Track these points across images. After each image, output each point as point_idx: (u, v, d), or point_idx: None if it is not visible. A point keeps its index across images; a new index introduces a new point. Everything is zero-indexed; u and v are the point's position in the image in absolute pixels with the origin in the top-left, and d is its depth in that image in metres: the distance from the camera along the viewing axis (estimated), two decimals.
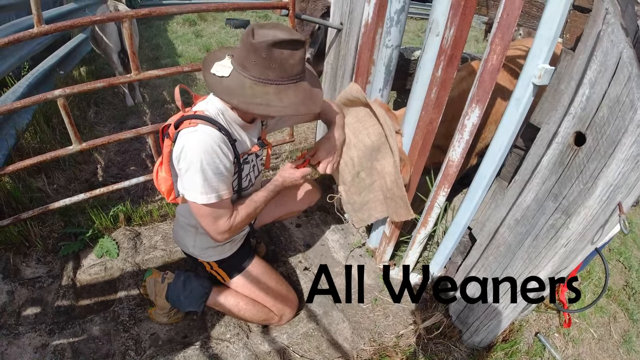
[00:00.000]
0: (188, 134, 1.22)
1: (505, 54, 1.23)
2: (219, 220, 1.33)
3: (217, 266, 1.61)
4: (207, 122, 1.24)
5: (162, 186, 1.45)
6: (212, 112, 1.29)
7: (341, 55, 2.12)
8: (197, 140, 1.20)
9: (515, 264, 1.45)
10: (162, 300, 1.63)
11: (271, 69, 1.14)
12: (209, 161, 1.21)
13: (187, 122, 1.24)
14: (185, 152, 1.21)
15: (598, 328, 2.22)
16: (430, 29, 1.34)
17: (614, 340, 2.20)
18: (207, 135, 1.21)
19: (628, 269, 2.78)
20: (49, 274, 1.81)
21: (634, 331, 2.28)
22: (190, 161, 1.20)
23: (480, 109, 1.34)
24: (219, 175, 1.25)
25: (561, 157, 1.23)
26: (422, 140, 1.53)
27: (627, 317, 2.37)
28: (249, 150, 1.42)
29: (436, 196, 1.63)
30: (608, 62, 1.06)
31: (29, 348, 1.52)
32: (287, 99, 1.19)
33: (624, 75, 1.04)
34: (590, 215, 1.23)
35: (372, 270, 2.10)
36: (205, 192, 1.24)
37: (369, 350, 1.71)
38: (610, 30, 1.06)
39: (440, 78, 1.35)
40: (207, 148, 1.20)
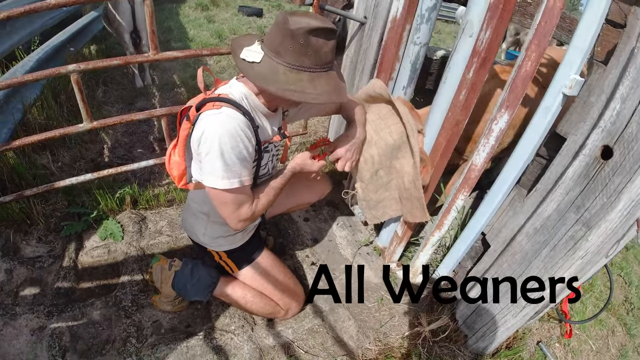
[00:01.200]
0: (211, 116, 1.18)
1: (539, 61, 1.21)
2: (241, 207, 1.29)
3: (227, 256, 1.58)
4: (231, 105, 1.20)
5: (174, 170, 1.41)
6: (237, 97, 1.25)
7: (362, 49, 2.09)
8: (221, 123, 1.16)
9: (530, 273, 1.43)
10: (168, 288, 1.60)
11: (307, 56, 1.12)
12: (233, 145, 1.17)
13: (211, 104, 1.20)
14: (207, 135, 1.17)
15: (597, 341, 2.23)
16: (463, 29, 1.31)
17: (611, 353, 2.20)
18: (231, 118, 1.18)
19: (628, 284, 2.78)
20: (49, 254, 1.78)
21: (630, 346, 2.29)
22: (212, 144, 1.16)
23: (509, 115, 1.31)
24: (242, 160, 1.21)
25: (587, 170, 1.21)
26: (445, 142, 1.50)
27: (625, 331, 2.37)
28: (270, 138, 1.39)
29: (455, 199, 1.61)
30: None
31: (26, 330, 1.49)
32: (321, 87, 1.16)
33: None
34: (610, 229, 1.21)
35: (379, 269, 2.09)
36: (227, 177, 1.20)
37: (374, 350, 1.69)
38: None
39: (471, 80, 1.33)
40: (231, 131, 1.16)
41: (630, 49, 1.08)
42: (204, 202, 1.46)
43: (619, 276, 2.83)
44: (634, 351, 2.29)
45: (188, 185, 1.44)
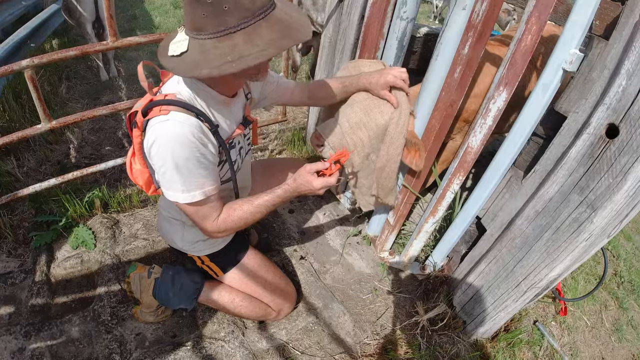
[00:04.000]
0: (159, 124, 1.04)
1: (540, 34, 1.12)
2: (206, 220, 1.18)
3: (209, 260, 1.46)
4: (181, 108, 1.06)
5: (138, 179, 1.27)
6: (186, 94, 1.10)
7: (342, 28, 1.96)
8: (170, 132, 1.03)
9: (532, 257, 1.38)
10: (149, 297, 1.48)
11: (227, 13, 0.90)
12: (188, 155, 1.05)
13: (157, 109, 1.06)
14: (158, 147, 1.04)
15: (591, 316, 2.24)
16: (455, 2, 1.20)
17: (606, 328, 2.22)
18: (182, 124, 1.04)
19: (616, 257, 2.81)
20: (20, 269, 1.64)
21: (624, 319, 2.31)
22: (164, 157, 1.04)
23: (508, 93, 1.23)
24: (202, 169, 1.10)
25: (591, 149, 1.15)
26: (439, 124, 1.41)
27: (617, 305, 2.39)
28: (234, 132, 1.25)
29: (450, 184, 1.53)
30: None
31: (5, 352, 1.38)
32: (262, 40, 0.94)
33: None
34: (615, 211, 1.17)
35: (371, 258, 2.01)
36: (187, 189, 1.09)
37: (372, 345, 1.63)
38: None
39: (467, 56, 1.23)
40: (183, 140, 1.04)
41: (634, 23, 1.02)
42: (175, 209, 1.33)
43: (607, 249, 2.85)
44: (628, 324, 2.31)
45: (159, 191, 1.29)
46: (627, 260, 2.80)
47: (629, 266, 2.76)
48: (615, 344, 2.17)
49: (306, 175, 1.21)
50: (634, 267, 2.77)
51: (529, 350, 1.86)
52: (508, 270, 1.47)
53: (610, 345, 2.14)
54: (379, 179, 1.56)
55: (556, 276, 1.37)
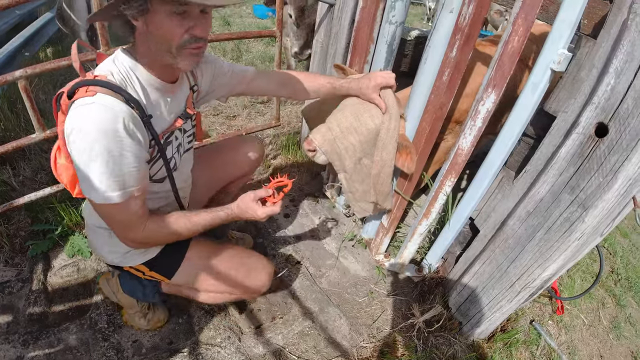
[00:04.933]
0: (82, 107, 0.91)
1: (527, 36, 1.13)
2: (128, 229, 1.06)
3: (149, 270, 1.29)
4: (109, 90, 0.93)
5: (63, 176, 1.10)
6: (118, 76, 0.98)
7: (333, 32, 1.97)
8: (93, 116, 0.90)
9: (525, 257, 1.39)
10: (123, 296, 1.45)
11: None
12: (111, 146, 0.91)
13: (84, 89, 0.93)
14: (77, 133, 0.90)
15: (588, 314, 2.24)
16: (443, 5, 1.22)
17: (604, 326, 2.22)
18: (107, 109, 0.91)
19: (613, 255, 2.82)
20: (18, 278, 1.64)
21: (622, 317, 2.31)
22: (82, 146, 0.90)
23: (496, 95, 1.24)
24: (126, 165, 0.96)
25: (581, 149, 1.16)
26: (430, 127, 1.42)
27: (615, 302, 2.40)
28: (171, 125, 1.12)
29: (442, 186, 1.53)
30: (635, 52, 1.00)
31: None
32: None
33: None
34: (606, 209, 1.18)
35: (366, 262, 2.02)
36: (104, 187, 0.95)
37: (369, 348, 1.64)
38: (638, 20, 1.01)
39: (455, 59, 1.24)
40: (107, 128, 0.90)
41: (622, 21, 1.02)
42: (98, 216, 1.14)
43: (603, 247, 2.86)
44: (626, 322, 2.31)
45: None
46: (624, 258, 2.81)
47: (625, 263, 2.76)
48: (614, 341, 2.16)
49: (250, 203, 1.18)
50: (631, 264, 2.78)
51: (526, 349, 1.86)
52: (502, 270, 1.47)
53: (608, 343, 2.14)
54: (375, 185, 1.56)
55: (549, 276, 1.37)
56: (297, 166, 2.55)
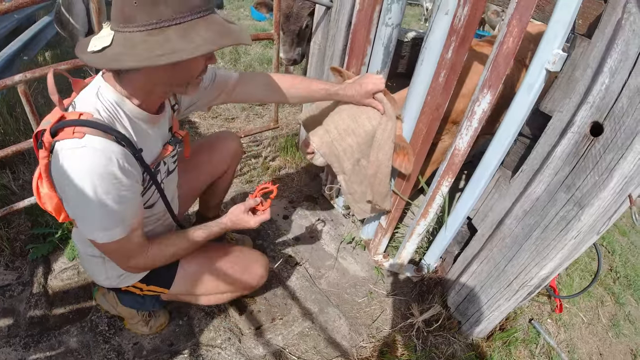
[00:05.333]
0: (72, 150, 0.89)
1: (522, 36, 1.14)
2: (130, 259, 1.09)
3: (146, 285, 1.32)
4: (98, 131, 0.90)
5: (47, 205, 1.08)
6: (105, 113, 0.94)
7: (330, 35, 1.98)
8: (86, 162, 0.89)
9: (522, 256, 1.40)
10: (123, 308, 1.46)
11: (163, 3, 0.81)
12: (107, 188, 0.91)
13: (70, 130, 0.89)
14: (71, 179, 0.89)
15: (587, 312, 2.24)
16: (438, 7, 1.23)
17: (603, 324, 2.22)
18: (100, 152, 0.89)
19: (611, 253, 2.82)
20: (18, 281, 1.65)
21: (621, 315, 2.32)
22: (79, 191, 0.90)
23: (492, 95, 1.25)
24: (123, 203, 0.96)
25: (576, 148, 1.17)
26: (426, 128, 1.43)
27: (614, 301, 2.40)
28: (160, 154, 1.13)
29: (439, 186, 1.54)
30: (630, 51, 1.01)
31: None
32: (198, 37, 0.85)
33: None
34: (602, 207, 1.18)
35: (365, 262, 2.03)
36: (106, 227, 0.97)
37: (368, 348, 1.64)
38: (633, 20, 1.02)
39: (451, 60, 1.25)
40: (102, 172, 0.89)
41: (617, 21, 1.03)
42: (89, 244, 1.14)
43: (602, 246, 2.87)
44: (625, 320, 2.32)
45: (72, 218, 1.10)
46: (623, 256, 2.81)
47: (624, 261, 2.77)
48: (613, 339, 2.17)
49: (241, 215, 1.26)
50: (630, 262, 2.79)
51: (525, 348, 1.86)
52: (499, 269, 1.48)
53: (607, 341, 2.14)
54: (372, 185, 1.57)
55: (547, 274, 1.38)
56: (296, 168, 2.56)
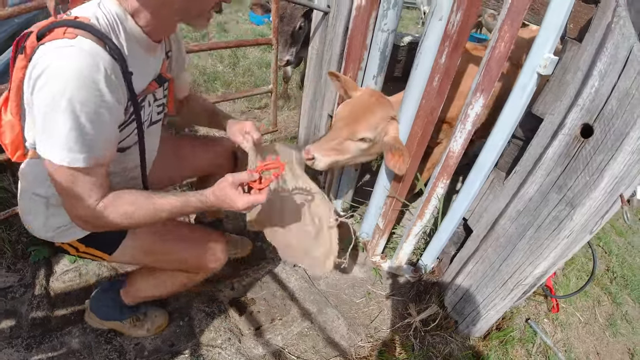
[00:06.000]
0: (59, 49, 0.78)
1: (513, 41, 1.17)
2: (80, 201, 0.89)
3: (85, 246, 1.14)
4: (92, 36, 0.81)
5: (5, 136, 0.95)
6: (104, 22, 0.86)
7: (328, 40, 2.01)
8: (71, 61, 0.78)
9: (516, 255, 1.42)
10: (108, 322, 1.49)
11: None
12: (87, 98, 0.79)
13: (61, 30, 0.80)
14: (48, 77, 0.78)
15: (584, 312, 2.27)
16: (432, 13, 1.26)
17: (600, 323, 2.25)
18: (89, 55, 0.79)
19: (608, 253, 2.85)
20: (20, 283, 1.66)
21: (618, 314, 2.35)
22: (54, 93, 0.78)
23: (484, 98, 1.28)
24: (99, 124, 0.84)
25: (567, 149, 1.20)
26: (421, 130, 1.46)
27: (611, 300, 2.43)
28: (145, 88, 1.01)
29: (434, 188, 1.58)
30: (619, 54, 1.04)
31: None
32: None
33: (634, 69, 1.03)
34: (594, 207, 1.21)
35: (364, 263, 2.05)
36: (70, 147, 0.82)
37: (366, 347, 1.67)
38: (622, 23, 1.05)
39: (445, 65, 1.28)
40: (85, 76, 0.78)
41: (606, 25, 1.06)
42: (38, 180, 1.01)
43: (598, 246, 2.89)
44: (622, 319, 2.34)
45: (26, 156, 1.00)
46: (620, 256, 2.84)
47: (621, 261, 2.80)
48: (610, 338, 2.19)
49: (228, 190, 1.00)
50: (627, 262, 2.82)
51: (521, 347, 1.89)
52: (494, 269, 1.51)
53: (604, 340, 2.17)
54: None
55: (541, 273, 1.41)
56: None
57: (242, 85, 3.69)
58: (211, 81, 3.67)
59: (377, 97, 1.59)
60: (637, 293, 2.58)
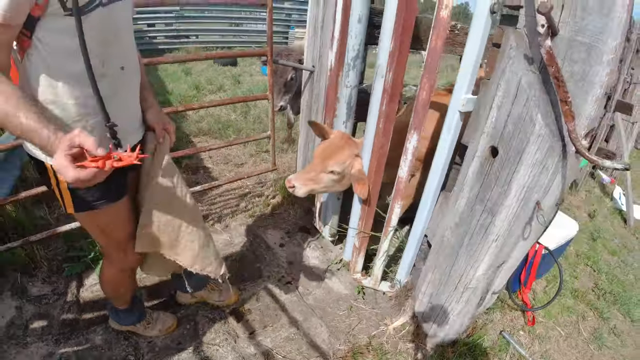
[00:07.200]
0: None
1: (432, 91, 1.52)
2: None
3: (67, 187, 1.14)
4: None
5: None
6: None
7: (314, 93, 2.43)
8: None
9: (460, 261, 1.68)
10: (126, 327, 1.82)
11: None
12: None
13: None
14: None
15: (566, 327, 2.36)
16: (377, 72, 1.64)
17: (584, 337, 2.32)
18: None
19: (597, 272, 2.91)
20: (54, 292, 2.02)
21: (605, 328, 2.41)
22: None
23: (417, 134, 1.62)
24: None
25: (482, 168, 1.50)
26: (376, 162, 1.81)
27: (597, 316, 2.49)
28: None
29: (392, 209, 1.88)
30: (510, 88, 1.35)
31: (37, 357, 1.71)
32: None
33: (523, 97, 1.32)
34: (511, 213, 1.47)
35: (348, 281, 2.33)
36: None
37: (344, 349, 1.91)
38: (512, 62, 1.34)
39: (385, 112, 1.65)
40: None
41: (504, 67, 1.36)
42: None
43: (587, 265, 2.99)
44: (610, 333, 2.39)
45: None
46: (609, 274, 2.89)
47: (611, 279, 2.85)
48: (595, 351, 2.24)
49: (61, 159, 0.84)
50: (617, 279, 2.86)
51: (494, 356, 2.05)
52: (447, 275, 1.77)
53: (588, 353, 2.22)
54: None
55: (482, 275, 1.65)
56: (293, 204, 2.95)
57: (252, 132, 4.18)
58: (225, 128, 4.18)
59: (346, 139, 1.97)
60: (627, 308, 2.61)
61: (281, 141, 3.93)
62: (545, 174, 1.36)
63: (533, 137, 1.32)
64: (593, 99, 1.26)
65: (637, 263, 3.21)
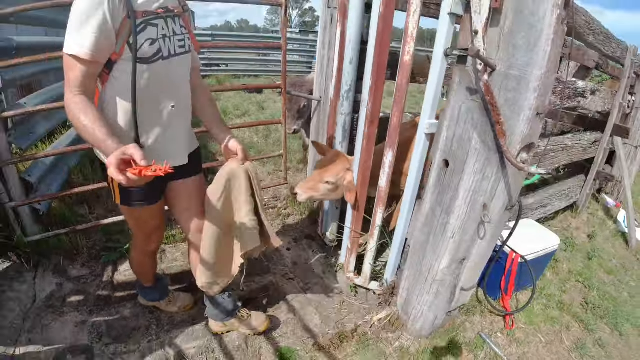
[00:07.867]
0: None
1: (401, 118, 1.89)
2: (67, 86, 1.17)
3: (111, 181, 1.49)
4: None
5: None
6: None
7: (321, 119, 2.85)
8: None
9: (427, 256, 1.98)
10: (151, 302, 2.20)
11: None
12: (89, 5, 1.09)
13: None
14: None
15: (548, 335, 2.49)
16: (362, 102, 2.05)
17: (565, 346, 2.43)
18: None
19: (588, 288, 3.00)
20: (91, 274, 2.43)
21: (589, 339, 2.50)
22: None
23: (392, 152, 1.99)
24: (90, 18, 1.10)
25: (439, 177, 1.83)
26: (362, 175, 2.19)
27: (583, 327, 2.60)
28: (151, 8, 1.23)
29: (375, 213, 2.23)
30: (454, 114, 1.70)
31: (71, 324, 2.06)
32: None
33: (462, 120, 1.67)
34: (462, 213, 1.77)
35: (343, 280, 2.64)
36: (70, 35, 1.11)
37: (332, 334, 2.22)
38: (455, 94, 1.70)
39: (367, 134, 2.04)
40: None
41: (451, 97, 1.71)
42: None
43: (578, 282, 3.11)
44: (595, 344, 2.48)
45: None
46: (601, 290, 2.97)
47: (602, 295, 2.93)
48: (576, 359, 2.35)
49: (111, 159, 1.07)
50: (610, 296, 2.94)
51: (469, 352, 2.27)
52: (418, 270, 2.07)
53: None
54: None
55: (445, 268, 1.93)
56: (301, 214, 3.33)
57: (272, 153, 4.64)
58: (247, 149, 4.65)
59: (340, 156, 2.36)
60: (616, 321, 2.68)
61: (297, 162, 4.36)
62: (487, 180, 1.68)
63: (471, 151, 1.65)
64: (525, 119, 1.55)
65: (634, 282, 3.27)
